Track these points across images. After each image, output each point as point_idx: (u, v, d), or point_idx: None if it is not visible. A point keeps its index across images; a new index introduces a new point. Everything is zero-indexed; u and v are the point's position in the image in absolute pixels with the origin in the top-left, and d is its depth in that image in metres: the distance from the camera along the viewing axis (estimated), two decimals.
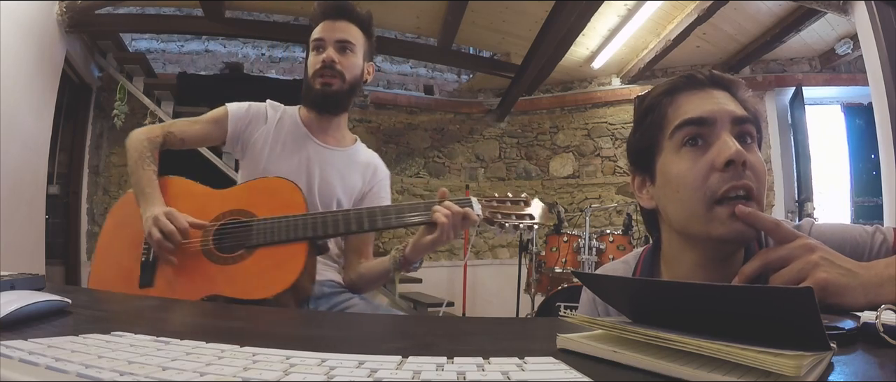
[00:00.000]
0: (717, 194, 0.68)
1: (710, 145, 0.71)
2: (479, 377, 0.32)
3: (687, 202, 0.71)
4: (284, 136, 1.36)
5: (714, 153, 0.70)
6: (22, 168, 3.05)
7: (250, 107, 1.38)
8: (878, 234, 0.72)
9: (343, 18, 1.36)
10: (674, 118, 0.74)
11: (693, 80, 0.76)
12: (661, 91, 0.78)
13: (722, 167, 0.68)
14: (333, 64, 1.31)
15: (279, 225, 1.12)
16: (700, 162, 0.70)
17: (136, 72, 4.32)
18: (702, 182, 0.69)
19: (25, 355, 0.34)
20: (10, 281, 0.59)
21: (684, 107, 0.74)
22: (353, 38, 1.36)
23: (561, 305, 2.61)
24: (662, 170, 0.76)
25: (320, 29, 1.35)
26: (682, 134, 0.73)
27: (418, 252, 1.20)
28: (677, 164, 0.73)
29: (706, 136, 0.71)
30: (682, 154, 0.73)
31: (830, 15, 3.30)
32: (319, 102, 1.34)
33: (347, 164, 1.39)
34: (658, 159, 0.77)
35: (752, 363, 0.31)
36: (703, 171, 0.70)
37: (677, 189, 0.72)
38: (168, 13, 4.29)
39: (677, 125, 0.73)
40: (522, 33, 4.21)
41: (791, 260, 0.62)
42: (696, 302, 0.40)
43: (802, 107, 4.42)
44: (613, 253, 3.17)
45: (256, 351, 0.37)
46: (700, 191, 0.70)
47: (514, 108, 5.18)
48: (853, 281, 0.58)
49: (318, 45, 1.34)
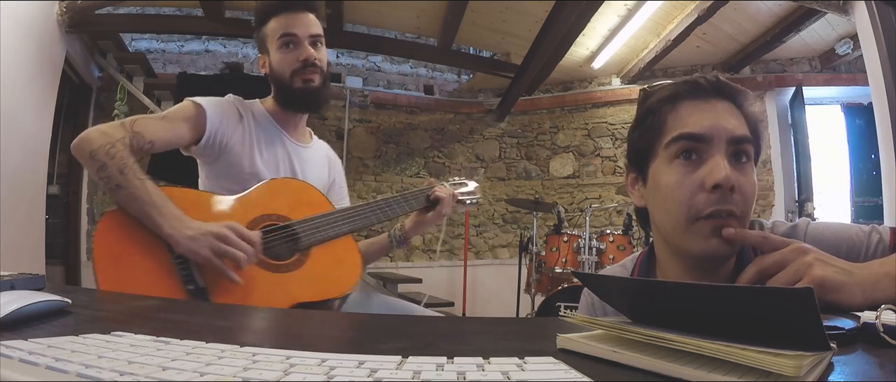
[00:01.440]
0: (701, 214, 0.69)
1: (703, 161, 0.71)
2: (479, 377, 0.32)
3: (671, 213, 0.72)
4: (262, 136, 1.30)
5: (704, 172, 0.70)
6: (22, 168, 3.05)
7: (222, 104, 1.27)
8: (874, 234, 0.73)
9: (307, 10, 1.30)
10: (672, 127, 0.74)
11: (697, 88, 0.75)
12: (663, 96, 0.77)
13: (709, 189, 0.68)
14: (315, 61, 1.28)
15: (322, 223, 1.13)
16: (690, 178, 0.71)
17: (136, 72, 4.32)
18: (688, 198, 0.70)
19: (25, 355, 0.34)
20: (10, 281, 0.59)
21: (684, 119, 0.73)
22: (320, 30, 1.32)
23: (561, 305, 2.61)
24: (654, 176, 0.76)
25: (288, 23, 1.27)
26: (676, 147, 0.72)
27: (419, 228, 1.35)
28: (668, 175, 0.73)
29: (700, 152, 0.71)
30: (674, 166, 0.73)
31: (830, 15, 3.30)
32: (304, 101, 1.31)
33: (316, 158, 1.42)
34: (652, 164, 0.77)
35: (752, 363, 0.31)
36: (690, 188, 0.70)
37: (664, 199, 0.73)
38: (168, 13, 4.29)
39: (673, 137, 0.73)
40: (522, 33, 4.21)
41: (786, 263, 0.63)
42: (696, 302, 0.40)
43: (802, 107, 4.42)
44: (613, 253, 3.17)
45: (256, 351, 0.37)
46: (684, 207, 0.70)
47: (514, 108, 5.18)
48: (849, 278, 0.59)
49: (291, 41, 1.27)
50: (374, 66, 5.39)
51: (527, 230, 4.49)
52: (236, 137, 1.25)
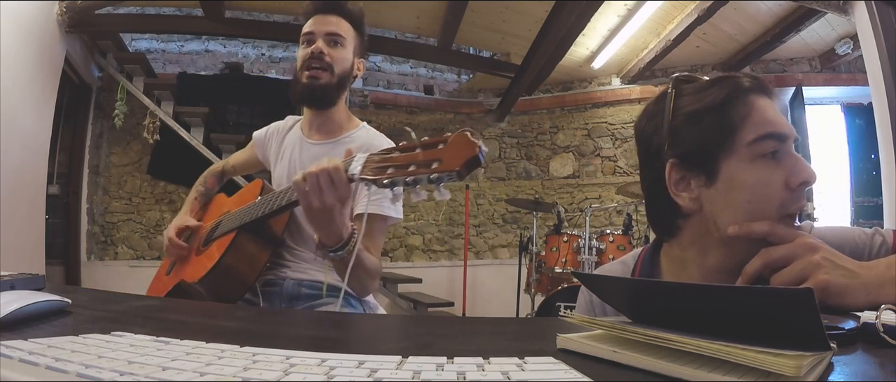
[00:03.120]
0: (788, 210, 0.69)
1: (780, 161, 0.71)
2: (479, 377, 0.32)
3: (754, 213, 0.70)
4: (287, 144, 1.40)
5: (788, 170, 0.70)
6: (22, 168, 3.05)
7: (269, 128, 1.49)
8: (877, 236, 0.72)
9: (334, 13, 1.34)
10: (755, 125, 0.71)
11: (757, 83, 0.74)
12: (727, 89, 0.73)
13: (795, 186, 0.69)
14: (322, 55, 1.28)
15: (221, 221, 1.30)
16: (775, 176, 0.70)
17: (136, 72, 4.32)
18: (777, 197, 0.70)
19: (25, 355, 0.34)
20: (10, 281, 0.59)
21: (765, 115, 0.72)
22: (343, 32, 1.33)
23: (561, 305, 2.61)
24: (730, 174, 0.72)
25: (311, 23, 1.33)
26: (765, 145, 0.70)
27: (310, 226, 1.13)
28: (754, 174, 0.70)
29: (782, 151, 0.71)
30: (759, 164, 0.70)
31: (830, 15, 3.31)
32: (306, 96, 1.30)
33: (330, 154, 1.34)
34: (725, 161, 0.72)
35: (752, 363, 0.31)
36: (778, 186, 0.70)
37: (749, 199, 0.70)
38: (168, 13, 4.29)
39: (761, 135, 0.70)
40: (522, 33, 4.21)
41: (792, 259, 0.62)
42: (696, 302, 0.40)
43: (802, 107, 4.42)
44: (613, 253, 3.17)
45: (256, 351, 0.37)
46: (773, 205, 0.69)
47: (514, 108, 5.18)
48: (854, 281, 0.58)
49: (307, 39, 1.32)
50: (374, 66, 5.39)
51: (527, 230, 4.49)
52: (270, 153, 1.46)
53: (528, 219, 4.70)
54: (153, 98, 4.29)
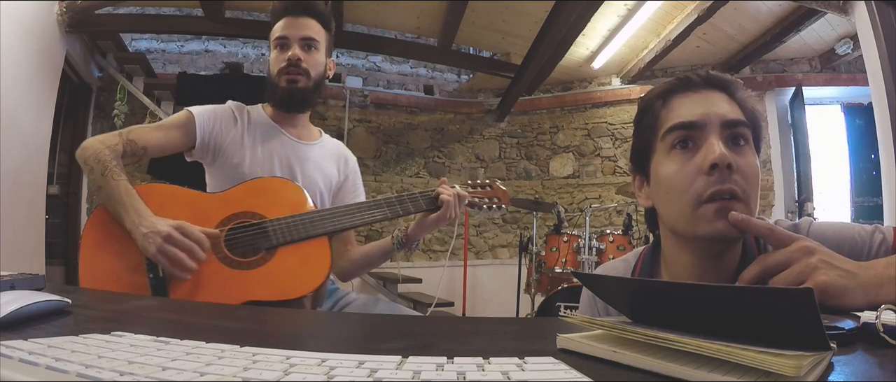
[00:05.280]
0: (703, 197, 0.70)
1: (699, 148, 0.72)
2: (479, 377, 0.32)
3: (675, 203, 0.73)
4: (258, 136, 1.35)
5: (700, 156, 0.71)
6: (22, 168, 3.05)
7: (216, 110, 1.34)
8: (877, 234, 0.72)
9: (306, 15, 1.35)
10: (665, 121, 0.76)
11: (687, 83, 0.77)
12: (655, 93, 0.80)
13: (707, 170, 0.70)
14: (299, 62, 1.32)
15: (295, 223, 1.13)
16: (688, 165, 0.72)
17: (136, 72, 4.32)
18: (689, 184, 0.71)
19: (25, 355, 0.34)
20: (10, 281, 0.59)
21: (676, 111, 0.75)
22: (316, 34, 1.36)
23: (561, 305, 2.61)
24: (655, 171, 0.78)
25: (283, 26, 1.34)
26: (672, 137, 0.74)
27: (422, 230, 1.32)
28: (667, 166, 0.75)
29: (696, 139, 0.73)
30: (672, 156, 0.74)
31: (830, 15, 3.30)
32: (286, 100, 1.34)
33: (323, 157, 1.42)
34: (652, 160, 0.78)
35: (752, 363, 0.31)
36: (690, 174, 0.71)
37: (667, 190, 0.74)
38: (168, 13, 4.29)
39: (668, 128, 0.75)
40: (522, 33, 4.21)
41: (790, 263, 0.62)
42: (696, 302, 0.40)
43: (802, 107, 4.42)
44: (613, 253, 3.17)
45: (256, 351, 0.37)
46: (687, 194, 0.71)
47: (514, 108, 5.18)
48: (853, 282, 0.58)
49: (282, 43, 1.34)
50: (374, 66, 5.39)
51: (527, 230, 4.49)
52: (229, 140, 1.32)
53: (528, 219, 4.71)
54: (153, 98, 4.28)
